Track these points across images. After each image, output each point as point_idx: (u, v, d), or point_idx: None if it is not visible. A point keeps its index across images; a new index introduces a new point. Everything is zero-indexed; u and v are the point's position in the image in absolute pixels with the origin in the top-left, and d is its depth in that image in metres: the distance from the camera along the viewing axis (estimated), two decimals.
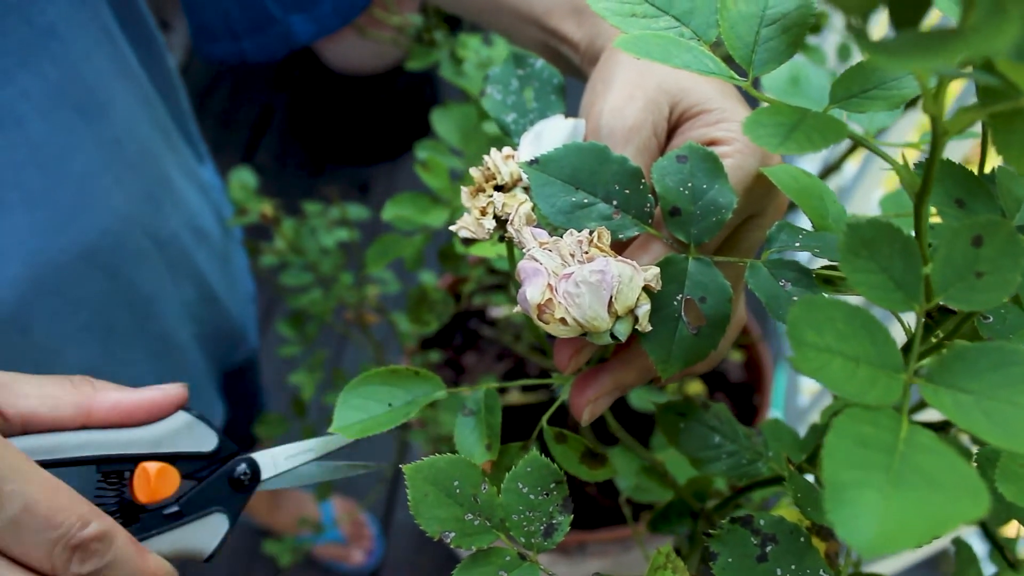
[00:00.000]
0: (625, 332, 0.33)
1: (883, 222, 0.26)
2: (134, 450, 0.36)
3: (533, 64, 0.44)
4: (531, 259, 0.33)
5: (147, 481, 0.36)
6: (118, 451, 0.36)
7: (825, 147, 0.25)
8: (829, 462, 0.22)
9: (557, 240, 0.33)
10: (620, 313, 0.32)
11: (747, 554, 0.35)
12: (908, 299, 0.26)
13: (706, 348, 0.34)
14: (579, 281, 0.31)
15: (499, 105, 0.44)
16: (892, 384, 0.25)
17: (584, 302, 0.32)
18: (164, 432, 0.37)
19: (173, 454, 0.37)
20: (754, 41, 0.31)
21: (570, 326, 0.32)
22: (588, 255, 0.33)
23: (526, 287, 0.33)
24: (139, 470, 0.36)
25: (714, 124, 0.37)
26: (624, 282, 0.32)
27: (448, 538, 0.34)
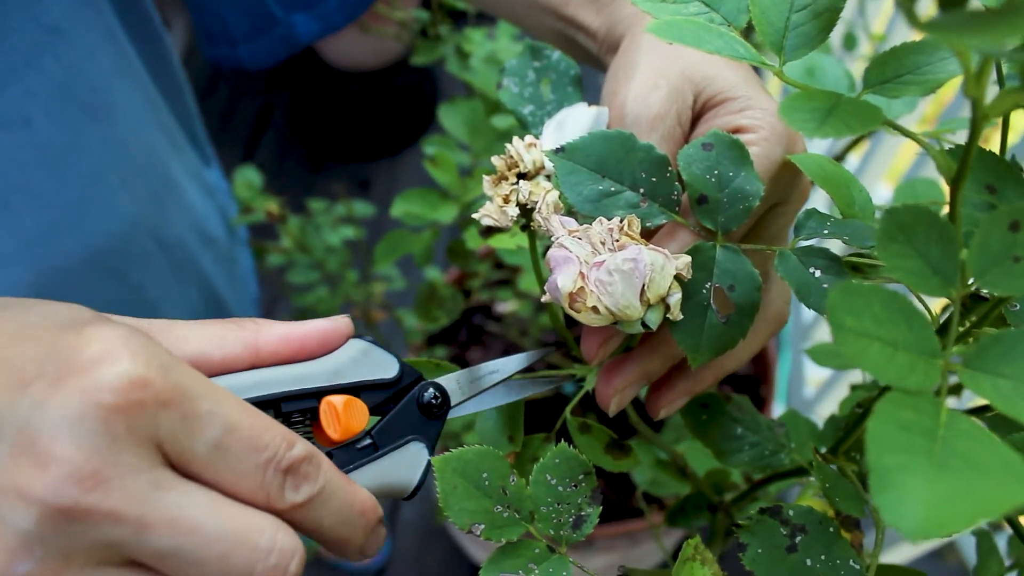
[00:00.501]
0: (656, 321, 0.33)
1: (920, 207, 0.26)
2: (314, 384, 0.33)
3: (550, 56, 0.44)
4: (561, 247, 0.33)
5: (336, 416, 0.33)
6: (298, 387, 0.33)
7: (862, 131, 0.25)
8: (873, 447, 0.22)
9: (587, 228, 0.33)
10: (652, 302, 0.32)
11: (777, 545, 0.35)
12: (945, 284, 0.26)
13: (735, 336, 0.34)
14: (612, 269, 0.31)
15: (516, 97, 0.43)
16: (930, 369, 0.25)
17: (617, 290, 0.31)
18: (342, 362, 0.34)
19: (356, 384, 0.34)
20: (785, 27, 0.31)
21: (602, 315, 0.32)
22: (619, 243, 0.33)
23: (557, 276, 0.32)
24: (324, 405, 0.34)
25: (739, 112, 0.37)
26: (656, 270, 0.32)
27: (478, 530, 0.34)
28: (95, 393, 0.27)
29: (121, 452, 0.27)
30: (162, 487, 0.27)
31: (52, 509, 0.26)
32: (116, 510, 0.26)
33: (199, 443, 0.28)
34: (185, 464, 0.28)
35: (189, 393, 0.28)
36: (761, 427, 0.45)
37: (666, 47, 0.39)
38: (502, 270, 1.09)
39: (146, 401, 0.27)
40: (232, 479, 0.29)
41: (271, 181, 1.26)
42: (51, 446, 0.26)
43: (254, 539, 0.29)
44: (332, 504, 0.31)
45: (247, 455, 0.29)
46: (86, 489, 0.26)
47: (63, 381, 0.27)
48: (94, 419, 0.26)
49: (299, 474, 0.30)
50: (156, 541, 0.27)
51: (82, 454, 0.26)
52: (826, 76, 0.45)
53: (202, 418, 0.28)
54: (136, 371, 0.27)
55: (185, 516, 0.27)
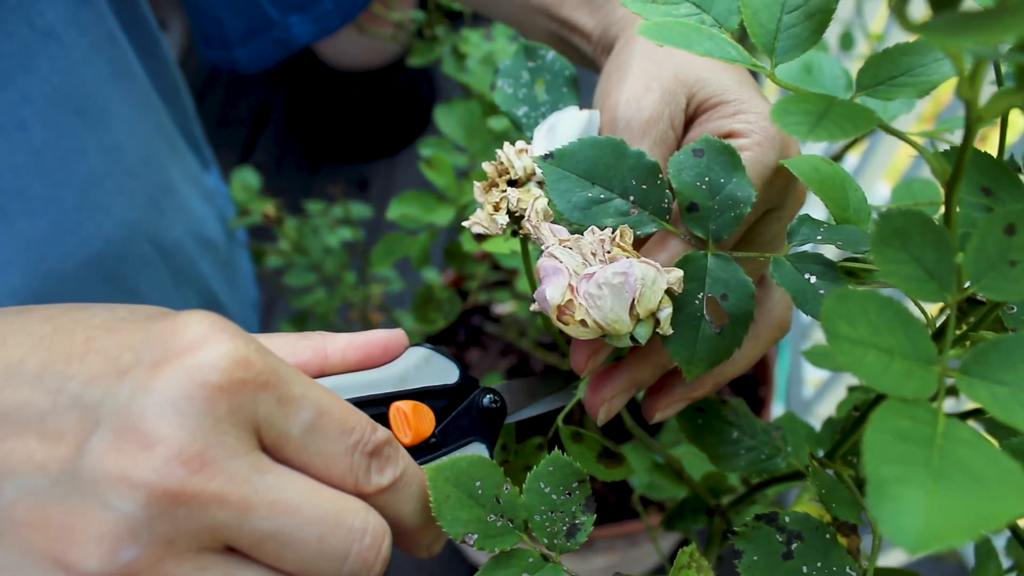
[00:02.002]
0: (646, 335, 0.32)
1: (915, 211, 0.25)
2: (383, 390, 0.34)
3: (544, 56, 0.43)
4: (551, 257, 0.32)
5: (406, 420, 0.34)
6: (367, 392, 0.34)
7: (855, 135, 0.25)
8: (869, 457, 0.22)
9: (578, 238, 0.33)
10: (642, 316, 0.32)
11: (773, 552, 0.35)
12: (941, 289, 0.26)
13: (730, 346, 0.33)
14: (601, 283, 0.31)
15: (510, 99, 0.43)
16: (927, 376, 0.25)
17: (606, 304, 0.31)
18: (406, 368, 0.35)
19: (421, 390, 0.35)
20: (776, 28, 0.30)
21: (590, 328, 0.32)
22: (610, 255, 0.32)
23: (546, 286, 0.32)
24: (393, 411, 0.34)
25: (731, 116, 0.36)
26: (647, 285, 0.31)
27: (471, 540, 0.33)
28: (199, 373, 0.27)
29: (224, 434, 0.27)
30: (261, 470, 0.27)
31: (159, 492, 0.25)
32: (221, 492, 0.26)
33: (294, 425, 0.28)
34: (279, 447, 0.29)
35: (283, 376, 0.29)
36: (757, 431, 0.44)
37: (659, 49, 0.38)
38: (500, 271, 1.08)
39: (247, 381, 0.27)
40: (323, 462, 0.29)
41: (269, 182, 1.26)
42: (156, 427, 0.26)
43: (349, 521, 0.29)
44: (412, 488, 0.32)
45: (338, 438, 0.29)
46: (192, 471, 0.26)
47: (164, 364, 0.27)
48: (199, 399, 0.26)
49: (383, 456, 0.31)
50: (257, 524, 0.27)
51: (187, 435, 0.26)
52: (823, 75, 0.45)
53: (296, 400, 0.29)
54: (238, 351, 0.27)
55: (285, 498, 0.28)
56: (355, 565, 0.29)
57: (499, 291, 1.10)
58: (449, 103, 0.79)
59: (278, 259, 1.01)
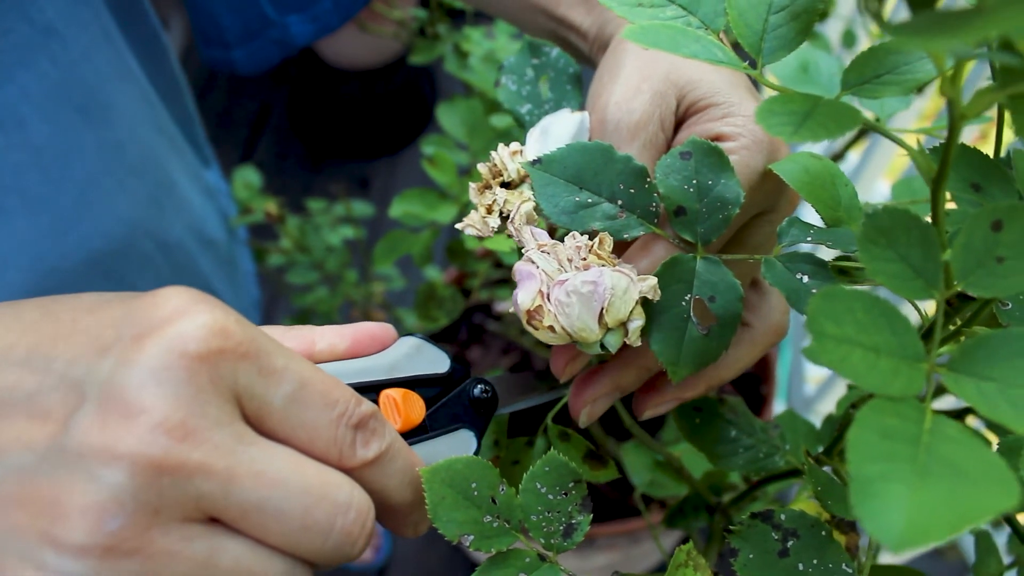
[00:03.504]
0: (615, 344, 0.32)
1: (900, 210, 0.25)
2: (372, 377, 0.34)
3: (548, 53, 0.43)
4: (528, 261, 0.32)
5: (396, 408, 0.34)
6: (357, 379, 0.34)
7: (840, 134, 0.25)
8: (853, 455, 0.22)
9: (556, 244, 0.33)
10: (611, 325, 0.32)
11: (768, 549, 0.35)
12: (928, 287, 0.26)
13: (717, 349, 0.33)
14: (570, 291, 0.31)
15: (514, 96, 0.43)
16: (914, 374, 0.25)
17: (573, 312, 0.31)
18: (396, 357, 0.35)
19: (411, 378, 0.36)
20: (763, 29, 0.30)
21: (558, 334, 0.32)
22: (585, 262, 0.32)
23: (519, 290, 0.32)
24: (383, 399, 0.35)
25: (720, 119, 0.36)
26: (617, 294, 0.31)
27: (467, 541, 0.33)
28: (179, 342, 0.27)
29: (206, 403, 0.27)
30: (244, 441, 0.28)
31: (143, 461, 0.26)
32: (205, 462, 0.26)
33: (276, 396, 0.28)
34: (262, 419, 0.29)
35: (264, 347, 0.29)
36: (755, 429, 0.45)
37: (651, 51, 0.38)
38: (502, 269, 1.08)
39: (226, 350, 0.27)
40: (306, 435, 0.29)
41: (270, 181, 1.26)
42: (138, 398, 0.26)
43: (333, 494, 0.29)
44: (397, 463, 0.32)
45: (321, 410, 0.29)
46: (175, 439, 0.26)
47: (145, 337, 0.27)
48: (179, 368, 0.27)
49: (368, 429, 0.31)
50: (242, 494, 0.27)
51: (169, 404, 0.26)
52: (820, 74, 0.45)
53: (278, 371, 0.29)
54: (216, 322, 0.28)
55: (270, 470, 0.28)
56: (339, 539, 0.29)
57: (501, 289, 1.11)
58: (451, 101, 0.79)
59: (280, 258, 1.02)
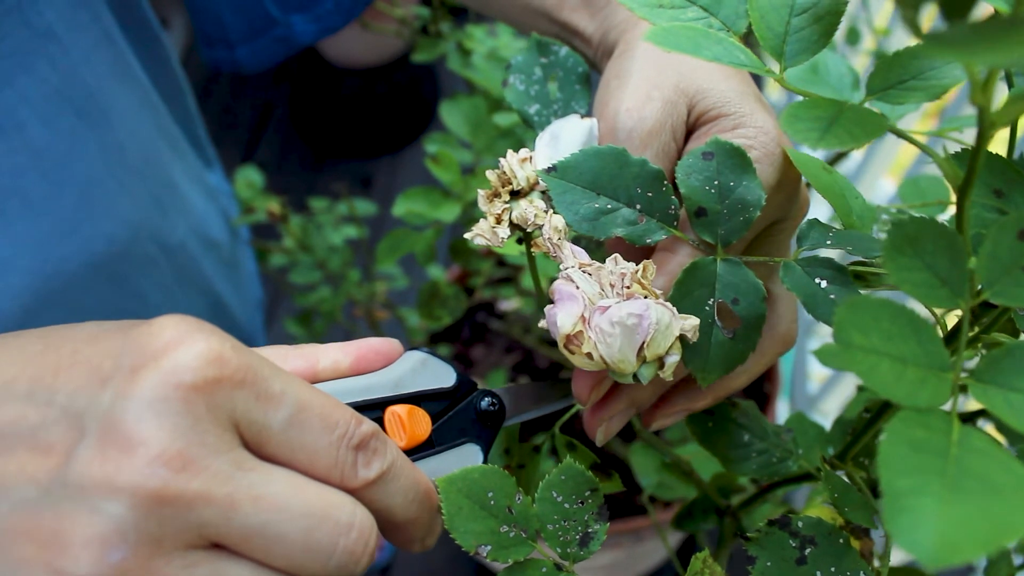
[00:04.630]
0: (648, 376, 0.32)
1: (927, 219, 0.25)
2: (377, 394, 0.34)
3: (557, 52, 0.43)
4: (568, 280, 0.32)
5: (401, 424, 0.34)
6: (362, 397, 0.34)
7: (867, 142, 0.25)
8: (885, 469, 0.22)
9: (599, 266, 0.32)
10: (649, 359, 0.31)
11: (786, 557, 0.34)
12: (954, 296, 0.26)
13: (744, 351, 0.33)
14: (615, 321, 0.30)
15: (522, 96, 0.42)
16: (941, 384, 0.25)
17: (615, 344, 0.31)
18: (401, 373, 0.35)
19: (417, 393, 0.35)
20: (785, 31, 0.30)
21: (595, 362, 0.31)
22: (629, 290, 0.32)
23: (558, 311, 0.32)
24: (388, 415, 0.34)
25: (732, 130, 0.36)
26: (660, 329, 0.31)
27: (484, 552, 0.33)
28: (174, 374, 0.27)
29: (204, 432, 0.27)
30: (244, 467, 0.28)
31: (143, 493, 0.26)
32: (204, 490, 0.27)
33: (274, 421, 0.29)
34: (261, 444, 0.29)
35: (261, 373, 0.29)
36: (768, 434, 0.44)
37: (660, 56, 0.38)
38: (505, 268, 1.08)
39: (223, 379, 0.28)
40: (307, 458, 0.29)
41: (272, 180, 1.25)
42: (136, 430, 0.26)
43: (335, 515, 0.29)
44: (401, 481, 0.32)
45: (320, 432, 0.29)
46: (174, 470, 0.26)
47: (142, 368, 0.27)
48: (175, 400, 0.27)
49: (369, 449, 0.31)
50: (243, 520, 0.27)
51: (166, 435, 0.27)
52: (830, 74, 0.44)
53: (275, 397, 0.29)
54: (212, 350, 0.28)
55: (270, 494, 0.28)
56: (342, 559, 0.29)
57: (504, 288, 1.10)
58: (454, 99, 0.79)
59: (282, 257, 1.01)
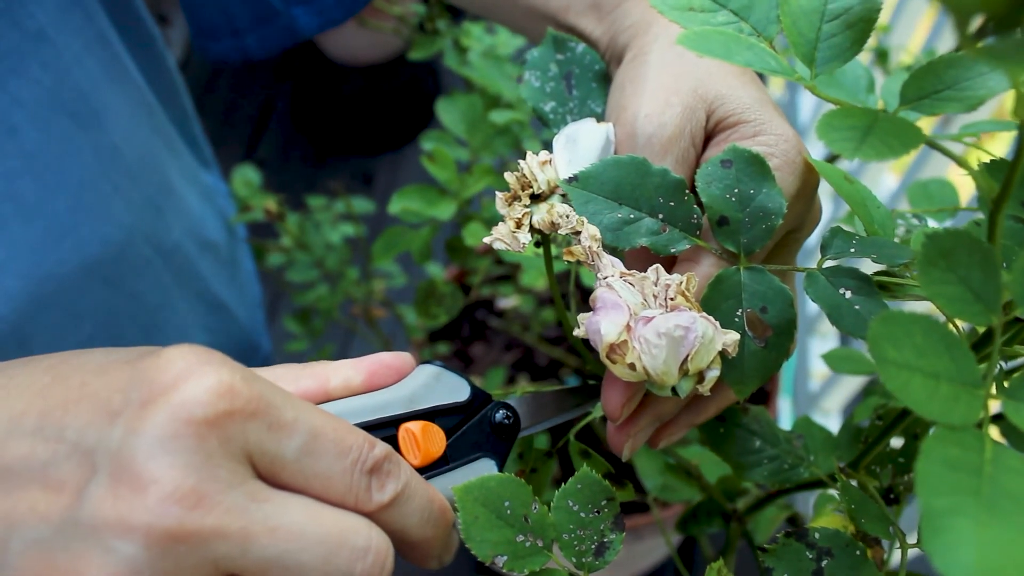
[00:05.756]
0: (687, 390, 0.32)
1: (962, 232, 0.24)
2: (391, 412, 0.34)
3: (574, 48, 0.42)
4: (610, 289, 0.31)
5: (415, 442, 0.34)
6: (375, 416, 0.33)
7: (904, 153, 0.24)
8: (922, 489, 0.21)
9: (643, 276, 0.32)
10: (690, 372, 0.31)
11: (803, 569, 0.34)
12: (987, 311, 0.25)
13: (778, 358, 0.33)
14: (661, 332, 0.30)
15: (537, 92, 0.42)
16: (973, 401, 0.24)
17: (660, 355, 0.30)
18: (415, 388, 0.35)
19: (431, 409, 0.35)
20: (816, 37, 0.30)
21: (637, 373, 0.31)
22: (672, 302, 0.31)
23: (602, 320, 0.31)
24: (402, 433, 0.34)
25: (752, 137, 0.35)
26: (704, 343, 0.30)
27: (500, 562, 0.33)
28: (184, 410, 0.27)
29: (216, 467, 0.27)
30: (258, 498, 0.28)
31: (157, 532, 0.26)
32: (219, 525, 0.27)
33: (288, 450, 0.28)
34: (275, 474, 0.29)
35: (272, 402, 0.29)
36: (779, 440, 0.44)
37: (676, 61, 0.37)
38: (503, 266, 1.07)
39: (234, 412, 0.27)
40: (321, 484, 0.29)
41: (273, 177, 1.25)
42: (148, 469, 0.26)
43: (352, 540, 0.29)
44: (415, 502, 0.32)
45: (334, 459, 0.29)
46: (187, 507, 0.26)
47: (151, 404, 0.27)
48: (187, 436, 0.27)
49: (383, 472, 0.30)
50: (260, 551, 0.27)
51: (179, 472, 0.26)
52: (845, 76, 0.44)
53: (288, 425, 0.29)
54: (222, 383, 0.27)
55: (285, 524, 0.28)
56: None
57: (503, 285, 1.10)
58: (451, 96, 0.78)
59: (280, 256, 1.00)
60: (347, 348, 1.64)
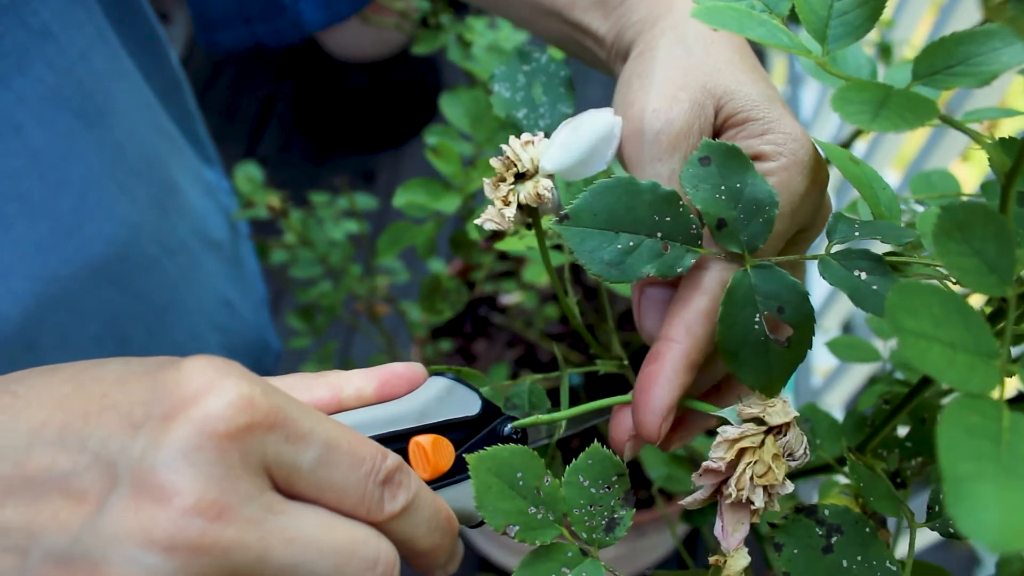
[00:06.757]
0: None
1: (977, 204, 0.25)
2: (402, 425, 0.34)
3: (539, 59, 0.44)
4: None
5: (425, 456, 0.34)
6: (387, 429, 0.34)
7: (918, 125, 0.24)
8: (945, 454, 0.21)
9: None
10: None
11: (812, 545, 0.34)
12: (1001, 283, 0.26)
13: (802, 353, 0.33)
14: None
15: (508, 102, 0.44)
16: (989, 371, 0.25)
17: None
18: (427, 401, 0.35)
19: (442, 423, 0.35)
20: (828, 15, 0.30)
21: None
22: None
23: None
24: (413, 446, 0.34)
25: (759, 136, 0.35)
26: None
27: (512, 532, 0.33)
28: (207, 423, 0.27)
29: (237, 480, 0.27)
30: (275, 510, 0.28)
31: (179, 543, 0.26)
32: (239, 537, 0.27)
33: (304, 461, 0.29)
34: (291, 485, 0.29)
35: (290, 414, 0.29)
36: None
37: (684, 56, 0.37)
38: (506, 261, 1.08)
39: (254, 425, 0.28)
40: (335, 495, 0.30)
41: (275, 174, 1.25)
42: (170, 481, 0.27)
43: (362, 551, 0.30)
44: (424, 512, 0.32)
45: (349, 470, 0.30)
46: (209, 519, 0.27)
47: (173, 417, 0.27)
48: (209, 449, 0.27)
49: (394, 483, 0.31)
50: (277, 562, 0.28)
51: (201, 485, 0.27)
52: (847, 62, 0.44)
53: (305, 437, 0.29)
54: (243, 397, 0.28)
55: (301, 535, 0.28)
56: None
57: (506, 281, 1.10)
58: (454, 91, 0.78)
59: (282, 254, 1.01)
60: (350, 345, 1.64)
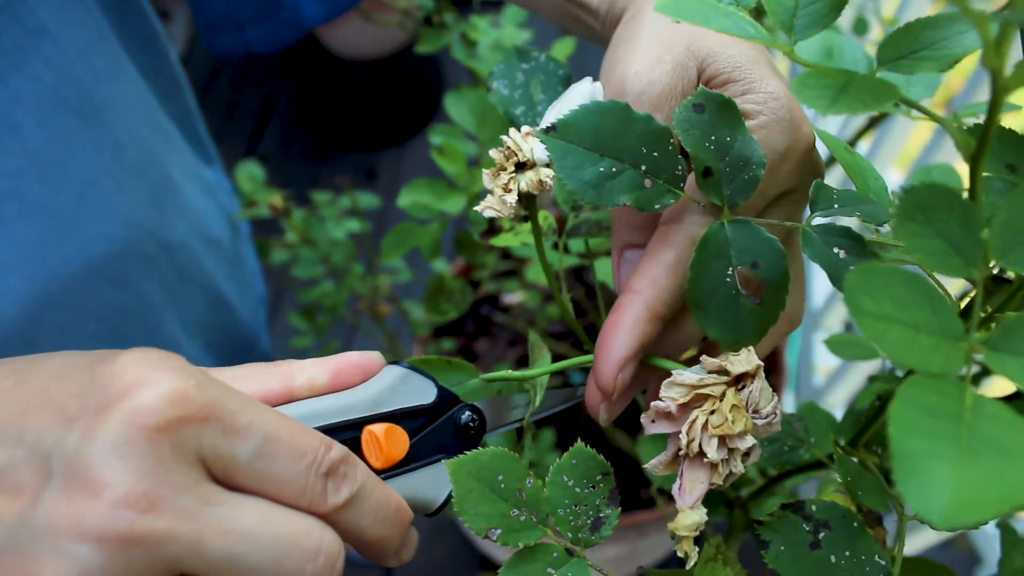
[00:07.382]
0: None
1: (939, 185, 0.25)
2: (355, 414, 0.34)
3: (537, 58, 0.44)
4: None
5: (378, 445, 0.34)
6: (339, 418, 0.33)
7: (877, 109, 0.24)
8: (895, 431, 0.21)
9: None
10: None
11: (800, 541, 0.34)
12: (967, 264, 0.26)
13: (774, 312, 0.32)
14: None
15: (507, 99, 0.44)
16: (954, 352, 0.25)
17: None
18: (381, 390, 0.35)
19: (396, 412, 0.35)
20: (795, 5, 0.30)
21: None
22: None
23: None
24: (365, 435, 0.34)
25: (740, 96, 0.35)
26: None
27: (494, 535, 0.33)
28: (137, 417, 0.27)
29: (169, 472, 0.28)
30: (211, 501, 0.28)
31: (109, 536, 0.27)
32: (171, 528, 0.27)
33: (242, 454, 0.29)
34: (230, 476, 0.29)
35: (227, 407, 0.29)
36: None
37: (670, 20, 0.37)
38: (509, 260, 1.08)
39: (187, 418, 0.28)
40: (276, 487, 0.30)
41: (276, 173, 1.25)
42: (101, 474, 0.27)
43: (303, 542, 0.30)
44: (370, 503, 0.32)
45: (289, 462, 0.30)
46: (140, 511, 0.27)
47: (106, 410, 0.28)
48: (140, 442, 0.27)
49: (339, 475, 0.31)
50: (212, 553, 0.28)
51: (132, 477, 0.27)
52: (844, 59, 0.44)
53: (242, 429, 0.29)
54: (174, 390, 0.28)
55: (238, 527, 0.29)
56: None
57: (508, 281, 1.10)
58: (459, 90, 0.78)
59: (284, 253, 1.01)
60: (351, 344, 1.64)
